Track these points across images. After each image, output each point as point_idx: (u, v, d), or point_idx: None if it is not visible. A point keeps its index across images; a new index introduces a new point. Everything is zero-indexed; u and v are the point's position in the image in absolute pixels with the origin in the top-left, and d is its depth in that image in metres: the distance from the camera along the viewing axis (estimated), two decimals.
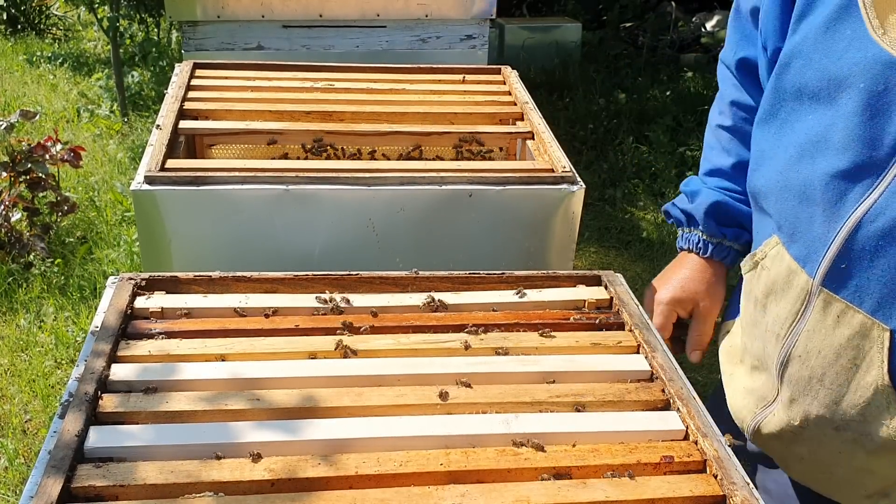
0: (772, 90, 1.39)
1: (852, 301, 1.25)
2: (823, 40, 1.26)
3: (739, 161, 1.61)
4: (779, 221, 1.36)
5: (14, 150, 3.99)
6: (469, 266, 1.68)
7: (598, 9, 7.82)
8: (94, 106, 5.90)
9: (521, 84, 2.41)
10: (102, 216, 4.40)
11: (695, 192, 1.65)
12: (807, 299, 1.31)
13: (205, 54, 3.37)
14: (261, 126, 2.10)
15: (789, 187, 1.32)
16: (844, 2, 1.23)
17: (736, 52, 1.58)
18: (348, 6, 3.44)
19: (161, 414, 1.19)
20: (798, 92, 1.32)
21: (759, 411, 1.45)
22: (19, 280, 3.78)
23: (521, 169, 1.98)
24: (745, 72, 1.58)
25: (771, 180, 1.37)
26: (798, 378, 1.35)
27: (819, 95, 1.28)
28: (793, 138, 1.33)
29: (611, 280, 1.58)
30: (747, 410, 1.48)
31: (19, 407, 3.14)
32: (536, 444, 1.18)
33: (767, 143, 1.40)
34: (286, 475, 1.10)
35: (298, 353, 1.34)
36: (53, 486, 1.03)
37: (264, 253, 1.85)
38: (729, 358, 1.59)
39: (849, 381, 1.29)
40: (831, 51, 1.25)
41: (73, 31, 7.95)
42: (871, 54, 1.19)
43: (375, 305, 1.47)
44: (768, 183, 1.38)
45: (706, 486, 1.14)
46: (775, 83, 1.37)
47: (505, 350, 1.39)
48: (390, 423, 1.20)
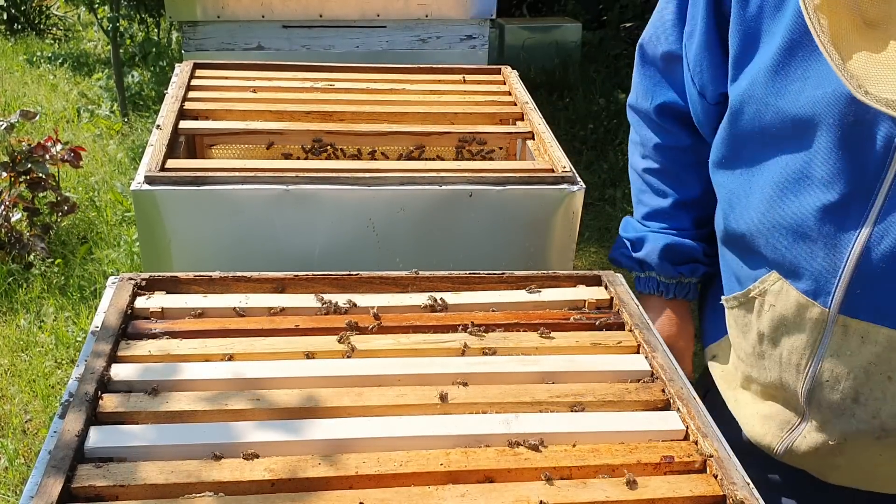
0: (728, 135, 1.40)
1: (874, 321, 1.25)
2: (774, 83, 1.27)
3: (676, 200, 1.64)
4: (774, 259, 1.35)
5: (14, 151, 3.99)
6: (469, 266, 1.68)
7: (598, 9, 7.82)
8: (94, 106, 5.90)
9: (521, 84, 2.41)
10: (102, 216, 4.40)
11: (640, 239, 1.67)
12: (824, 328, 1.31)
13: (205, 54, 3.37)
14: (261, 126, 2.10)
15: (780, 226, 1.32)
16: (786, 44, 1.24)
17: (653, 99, 1.59)
18: (348, 6, 3.44)
19: (161, 414, 1.19)
20: (758, 135, 1.33)
21: (786, 435, 1.44)
22: (19, 280, 3.78)
23: (521, 169, 1.98)
24: (667, 116, 1.59)
25: (755, 221, 1.37)
26: (830, 402, 1.35)
27: (783, 136, 1.28)
28: (767, 178, 1.33)
29: (611, 280, 1.58)
30: (771, 435, 1.47)
31: (19, 407, 3.14)
32: (535, 445, 1.18)
33: (736, 185, 1.40)
34: (286, 475, 1.10)
35: (298, 353, 1.34)
36: (54, 486, 1.03)
37: (264, 253, 1.85)
38: (727, 383, 1.58)
39: (885, 393, 1.29)
40: (786, 92, 1.26)
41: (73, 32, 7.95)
42: (830, 90, 1.19)
43: (375, 305, 1.47)
44: (752, 224, 1.37)
45: (706, 486, 1.14)
46: (730, 129, 1.38)
47: (493, 350, 1.39)
48: (390, 423, 1.20)
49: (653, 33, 1.58)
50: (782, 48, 1.25)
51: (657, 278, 1.67)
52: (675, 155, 1.62)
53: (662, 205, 1.65)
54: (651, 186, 1.67)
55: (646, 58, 1.60)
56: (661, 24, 1.54)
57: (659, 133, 1.62)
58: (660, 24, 1.54)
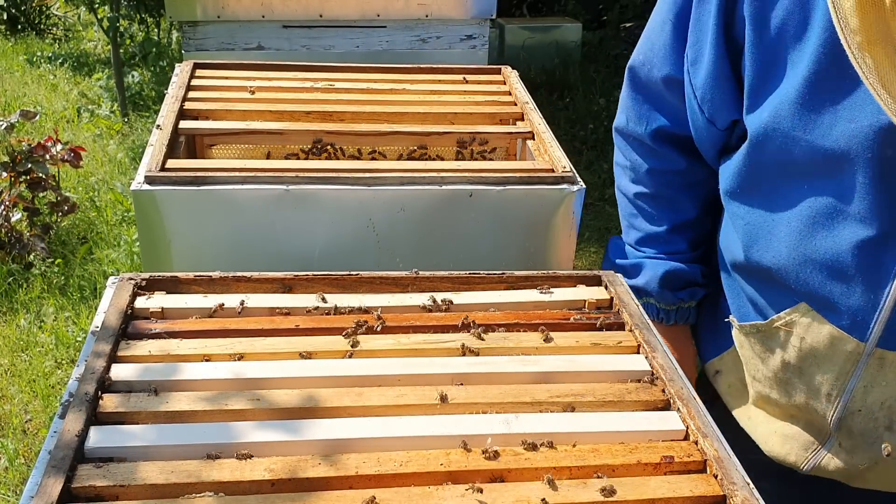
0: (746, 166, 1.35)
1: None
2: (802, 116, 1.22)
3: (673, 225, 1.59)
4: (806, 293, 1.32)
5: (14, 151, 3.99)
6: (469, 266, 1.68)
7: (598, 9, 7.82)
8: (94, 106, 5.90)
9: (521, 84, 2.41)
10: (103, 216, 4.40)
11: (636, 266, 1.63)
12: (858, 360, 1.30)
13: (205, 54, 3.37)
14: (261, 126, 2.10)
15: (812, 261, 1.28)
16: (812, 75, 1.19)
17: (648, 124, 1.54)
18: (348, 6, 3.44)
19: (161, 414, 1.19)
20: (783, 168, 1.28)
21: (811, 455, 1.43)
22: (19, 280, 3.78)
23: (522, 169, 1.98)
24: (663, 141, 1.54)
25: (782, 256, 1.32)
26: (862, 430, 1.34)
27: (813, 170, 1.24)
28: (794, 212, 1.28)
29: (611, 280, 1.58)
30: (795, 455, 1.45)
31: (19, 407, 3.14)
32: (535, 445, 1.18)
33: (758, 218, 1.36)
34: (286, 475, 1.10)
35: (298, 353, 1.34)
36: (54, 486, 1.03)
37: (264, 253, 1.85)
38: (736, 400, 1.55)
39: None
40: (815, 126, 1.21)
41: (73, 32, 7.95)
42: (866, 124, 1.15)
43: (376, 306, 1.47)
44: (780, 258, 1.33)
45: (706, 486, 1.14)
46: (750, 160, 1.33)
47: (493, 350, 1.39)
48: (390, 423, 1.20)
49: (646, 56, 1.51)
50: (808, 80, 1.20)
51: (656, 305, 1.63)
52: (670, 179, 1.57)
53: (657, 230, 1.61)
54: (643, 211, 1.62)
55: (638, 82, 1.54)
56: (655, 47, 1.47)
57: (651, 158, 1.57)
58: (654, 48, 1.48)
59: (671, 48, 1.44)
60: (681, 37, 1.41)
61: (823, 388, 1.35)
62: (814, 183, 1.25)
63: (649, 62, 1.49)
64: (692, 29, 1.38)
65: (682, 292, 1.60)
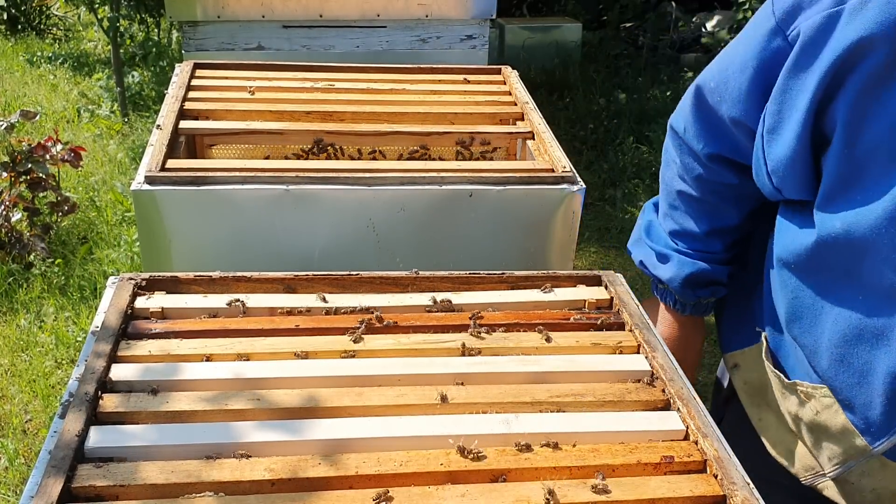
0: (808, 251, 1.27)
1: None
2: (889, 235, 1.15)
3: (713, 229, 1.52)
4: (832, 384, 1.30)
5: (14, 151, 3.99)
6: (469, 266, 1.68)
7: (598, 9, 7.82)
8: (94, 106, 5.90)
9: (521, 84, 2.41)
10: (103, 216, 4.40)
11: (665, 256, 1.56)
12: (862, 455, 1.30)
13: (205, 54, 3.37)
14: (261, 126, 2.10)
15: (847, 364, 1.26)
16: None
17: (706, 145, 1.43)
18: (348, 6, 3.44)
19: (161, 414, 1.19)
20: (846, 272, 1.24)
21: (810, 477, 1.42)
22: (20, 280, 3.78)
23: (522, 169, 1.98)
24: (718, 161, 1.44)
25: (821, 345, 1.29)
26: (852, 492, 1.35)
27: (882, 291, 1.20)
28: (843, 314, 1.25)
29: (611, 280, 1.58)
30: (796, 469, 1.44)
31: (20, 407, 3.14)
32: (532, 445, 1.18)
33: (807, 298, 1.31)
34: (286, 475, 1.10)
35: (298, 353, 1.34)
36: (54, 486, 1.03)
37: (265, 253, 1.85)
38: (750, 398, 1.52)
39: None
40: None
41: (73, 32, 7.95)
42: None
43: (375, 305, 1.47)
44: (818, 346, 1.30)
45: (706, 486, 1.14)
46: (814, 250, 1.26)
47: (493, 350, 1.39)
48: (390, 423, 1.20)
49: (718, 86, 1.38)
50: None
51: (674, 295, 1.59)
52: (718, 189, 1.48)
53: (694, 230, 1.53)
54: (685, 209, 1.53)
55: (703, 103, 1.42)
56: (730, 85, 1.35)
57: (703, 168, 1.47)
58: (728, 84, 1.35)
59: (747, 95, 1.33)
60: (759, 88, 1.31)
61: (825, 452, 1.36)
62: (869, 298, 1.22)
63: (720, 94, 1.38)
64: (776, 96, 1.26)
65: (705, 290, 1.56)
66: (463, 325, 1.43)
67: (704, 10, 7.93)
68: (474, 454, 1.15)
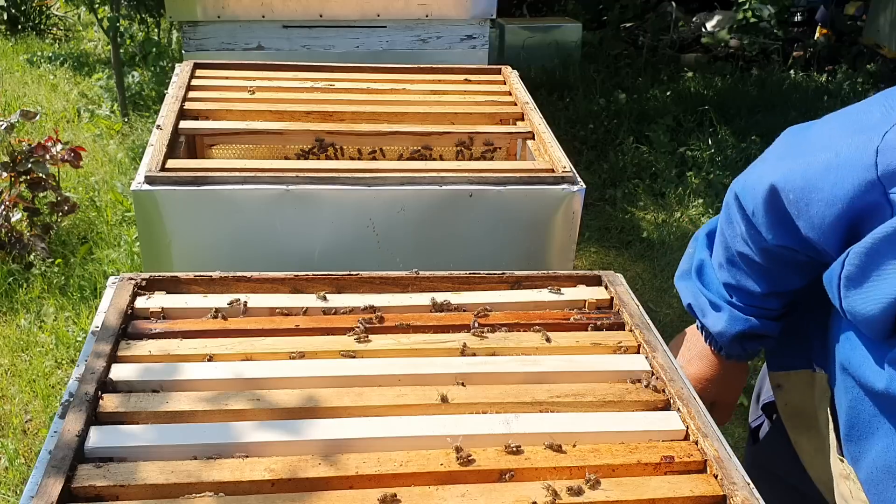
0: (886, 394, 1.19)
1: None
2: None
3: (773, 292, 1.40)
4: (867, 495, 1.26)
5: (14, 151, 3.99)
6: (469, 266, 1.68)
7: (598, 9, 7.82)
8: (94, 106, 5.90)
9: (521, 84, 2.41)
10: (103, 216, 4.40)
11: (717, 306, 1.45)
12: None
13: (205, 54, 3.37)
14: (261, 126, 2.10)
15: (881, 495, 1.22)
16: None
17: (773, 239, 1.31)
18: (348, 6, 3.44)
19: (161, 414, 1.19)
20: None
21: None
22: (20, 280, 3.78)
23: (522, 169, 1.98)
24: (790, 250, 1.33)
25: (864, 462, 1.24)
26: None
27: None
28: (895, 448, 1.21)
29: (611, 280, 1.58)
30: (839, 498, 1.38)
31: (20, 407, 3.14)
32: (532, 445, 1.18)
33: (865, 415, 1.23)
34: (286, 475, 1.10)
35: (298, 353, 1.34)
36: (54, 486, 1.03)
37: (265, 253, 1.85)
38: (790, 420, 1.48)
39: None
40: None
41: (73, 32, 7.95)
42: None
43: (375, 305, 1.47)
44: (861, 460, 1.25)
45: (706, 486, 1.14)
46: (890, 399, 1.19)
47: (493, 350, 1.39)
48: (391, 423, 1.20)
49: (798, 202, 1.25)
50: None
51: (718, 341, 1.48)
52: (785, 260, 1.36)
53: (754, 289, 1.41)
54: (745, 269, 1.41)
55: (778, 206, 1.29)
56: (812, 209, 1.23)
57: (771, 245, 1.34)
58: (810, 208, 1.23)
59: (829, 228, 1.22)
60: (844, 228, 1.21)
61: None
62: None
63: (798, 209, 1.25)
64: (866, 253, 1.15)
65: (753, 343, 1.45)
66: (463, 325, 1.43)
67: (704, 10, 7.93)
68: (464, 458, 1.14)
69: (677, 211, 4.67)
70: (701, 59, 7.09)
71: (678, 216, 4.62)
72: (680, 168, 5.08)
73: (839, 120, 1.26)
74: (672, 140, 5.33)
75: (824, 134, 1.26)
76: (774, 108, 5.95)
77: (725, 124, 5.61)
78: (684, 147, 5.30)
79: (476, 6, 3.53)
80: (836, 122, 1.26)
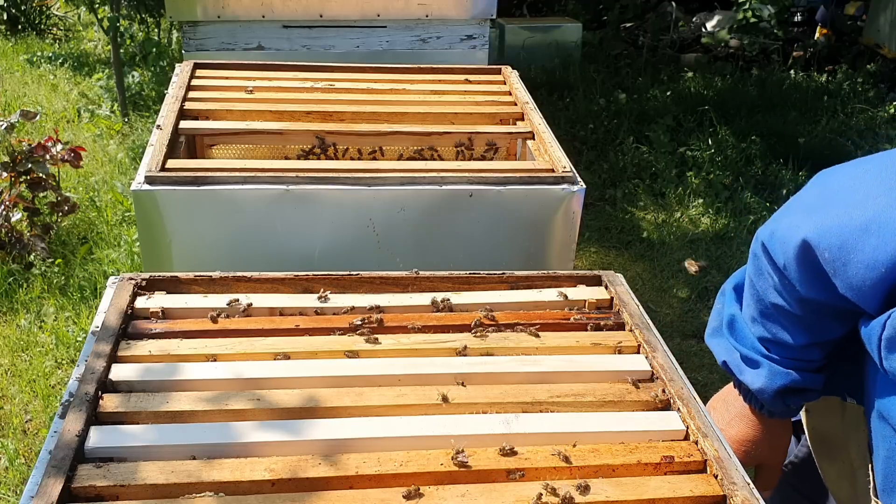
0: None
1: None
2: None
3: (812, 343, 1.33)
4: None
5: (14, 151, 3.99)
6: (469, 266, 1.68)
7: (598, 9, 7.82)
8: (94, 106, 5.90)
9: (521, 84, 2.41)
10: (103, 216, 4.40)
11: (754, 362, 1.37)
12: None
13: (205, 54, 3.37)
14: (261, 126, 2.10)
15: None
16: None
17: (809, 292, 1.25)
18: (348, 6, 3.44)
19: (162, 414, 1.19)
20: None
21: None
22: (20, 280, 3.78)
23: (522, 169, 1.98)
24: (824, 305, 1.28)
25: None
26: None
27: None
28: None
29: (611, 280, 1.58)
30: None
31: (20, 407, 3.14)
32: (531, 445, 1.18)
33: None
34: (287, 475, 1.10)
35: (298, 353, 1.34)
36: (54, 486, 1.03)
37: (265, 253, 1.85)
38: (817, 446, 1.45)
39: None
40: None
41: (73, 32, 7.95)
42: None
43: (376, 305, 1.47)
44: None
45: (706, 487, 1.14)
46: None
47: (492, 350, 1.39)
48: (391, 423, 1.20)
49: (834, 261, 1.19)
50: None
51: (760, 400, 1.41)
52: (826, 311, 1.29)
53: (791, 342, 1.34)
54: (780, 321, 1.34)
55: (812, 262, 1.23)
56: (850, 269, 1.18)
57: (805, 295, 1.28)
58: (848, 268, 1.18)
59: (869, 289, 1.17)
60: (884, 289, 1.16)
61: None
62: None
63: (834, 268, 1.19)
64: None
65: (796, 398, 1.38)
66: (463, 326, 1.43)
67: (704, 10, 7.93)
68: (459, 462, 1.14)
69: (677, 211, 4.67)
70: (701, 59, 7.09)
71: (678, 216, 4.62)
72: (680, 168, 5.08)
73: (873, 171, 1.19)
74: (672, 140, 5.34)
75: (859, 188, 1.20)
76: (774, 109, 5.95)
77: (725, 124, 5.61)
78: (684, 147, 5.30)
79: (476, 6, 3.53)
80: (870, 175, 1.19)
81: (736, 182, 4.91)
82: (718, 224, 4.53)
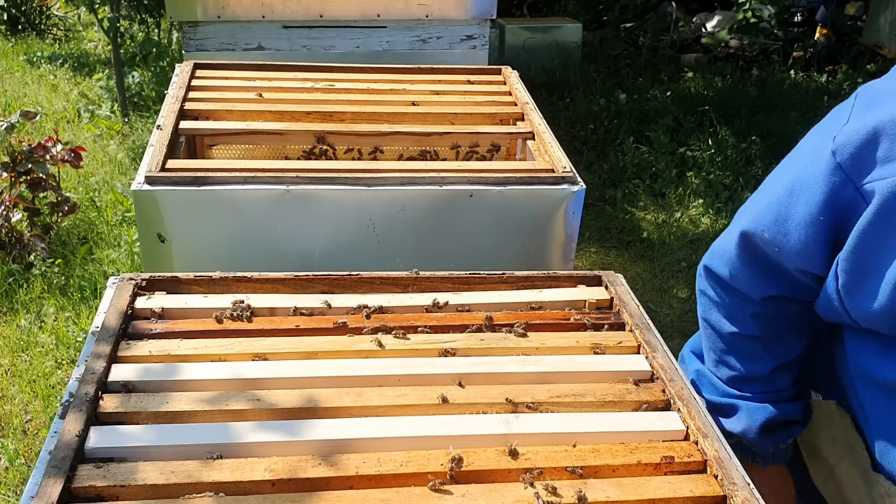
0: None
1: None
2: None
3: (778, 365, 1.39)
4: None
5: (15, 151, 3.99)
6: (469, 266, 1.68)
7: (598, 9, 7.82)
8: (94, 106, 5.90)
9: (521, 84, 2.41)
10: (103, 216, 4.40)
11: (731, 407, 1.43)
12: None
13: (205, 55, 3.37)
14: (261, 126, 2.10)
15: None
16: None
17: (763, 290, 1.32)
18: (349, 6, 3.44)
19: (161, 414, 1.19)
20: None
21: None
22: (20, 280, 3.78)
23: (522, 169, 1.98)
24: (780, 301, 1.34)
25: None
26: None
27: None
28: None
29: (611, 280, 1.58)
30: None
31: (20, 407, 3.14)
32: (532, 445, 1.18)
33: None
34: (287, 475, 1.10)
35: (298, 353, 1.34)
36: (54, 486, 1.03)
37: (265, 253, 1.85)
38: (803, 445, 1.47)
39: None
40: None
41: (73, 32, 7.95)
42: None
43: (376, 305, 1.47)
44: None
45: (707, 487, 1.14)
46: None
47: (492, 351, 1.39)
48: (391, 424, 1.20)
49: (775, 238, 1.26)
50: None
51: (751, 448, 1.45)
52: (779, 321, 1.36)
53: (760, 371, 1.40)
54: (744, 350, 1.40)
55: (756, 252, 1.31)
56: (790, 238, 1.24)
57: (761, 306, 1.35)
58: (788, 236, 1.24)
59: (815, 247, 1.22)
60: (829, 239, 1.21)
61: None
62: None
63: (778, 245, 1.26)
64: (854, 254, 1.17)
65: (781, 434, 1.42)
66: (463, 326, 1.43)
67: (704, 10, 7.93)
68: (454, 467, 1.13)
69: (677, 211, 4.67)
70: (701, 59, 7.09)
71: (678, 216, 4.62)
72: (680, 168, 5.08)
73: (786, 160, 1.28)
74: (672, 140, 5.33)
75: (776, 172, 1.28)
76: (774, 109, 5.95)
77: (725, 124, 5.61)
78: (684, 147, 5.30)
79: (476, 6, 3.53)
80: (785, 160, 1.28)
81: (736, 182, 4.91)
82: (719, 224, 4.53)
